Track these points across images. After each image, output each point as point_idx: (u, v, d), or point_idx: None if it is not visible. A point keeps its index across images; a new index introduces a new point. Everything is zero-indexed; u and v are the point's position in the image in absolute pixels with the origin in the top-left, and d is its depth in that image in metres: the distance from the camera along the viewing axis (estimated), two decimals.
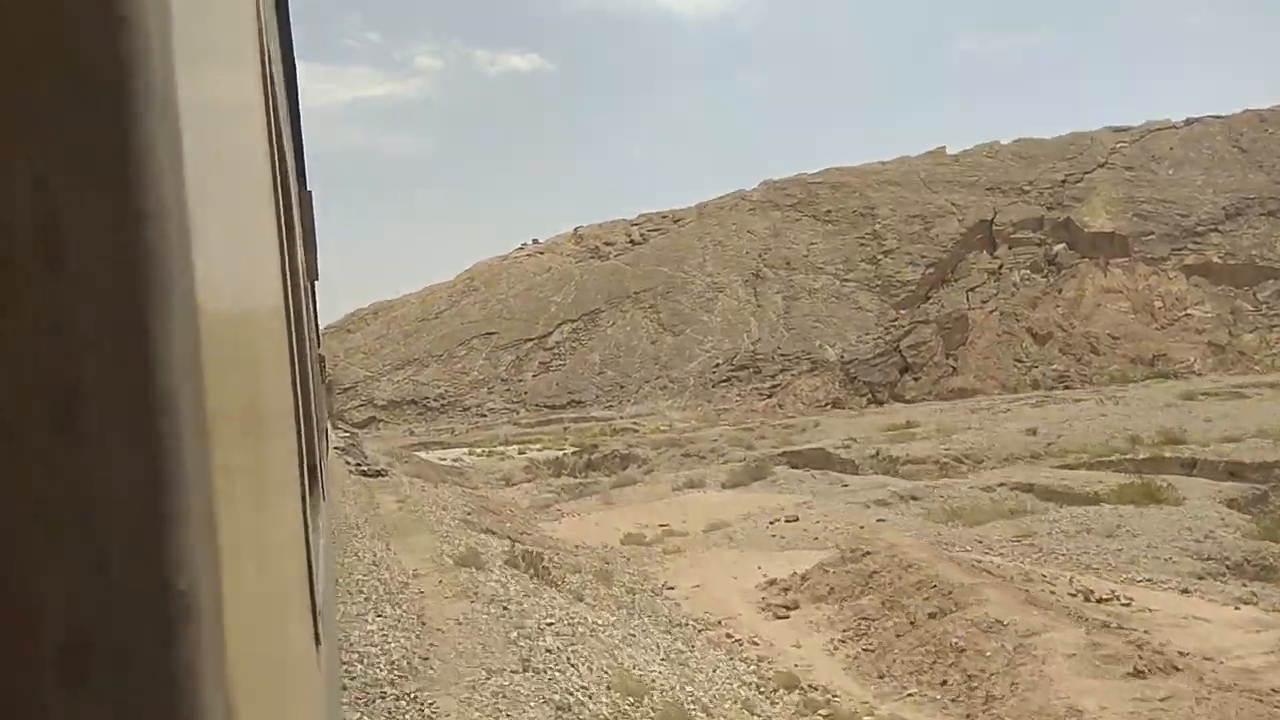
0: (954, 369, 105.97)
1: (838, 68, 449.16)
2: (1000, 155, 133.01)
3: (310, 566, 2.16)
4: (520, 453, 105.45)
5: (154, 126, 0.56)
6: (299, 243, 4.19)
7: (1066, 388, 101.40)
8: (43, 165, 0.53)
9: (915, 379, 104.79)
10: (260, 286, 1.25)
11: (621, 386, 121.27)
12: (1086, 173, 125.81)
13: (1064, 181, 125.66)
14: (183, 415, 0.58)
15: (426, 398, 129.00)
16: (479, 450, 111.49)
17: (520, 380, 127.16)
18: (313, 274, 7.90)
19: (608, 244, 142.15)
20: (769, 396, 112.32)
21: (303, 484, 2.19)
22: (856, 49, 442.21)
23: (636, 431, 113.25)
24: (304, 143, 5.91)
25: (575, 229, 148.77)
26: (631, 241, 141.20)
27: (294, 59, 4.56)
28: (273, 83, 2.38)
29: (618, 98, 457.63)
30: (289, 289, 2.32)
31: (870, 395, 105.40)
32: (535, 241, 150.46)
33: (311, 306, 8.48)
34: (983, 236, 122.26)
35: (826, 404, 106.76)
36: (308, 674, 1.93)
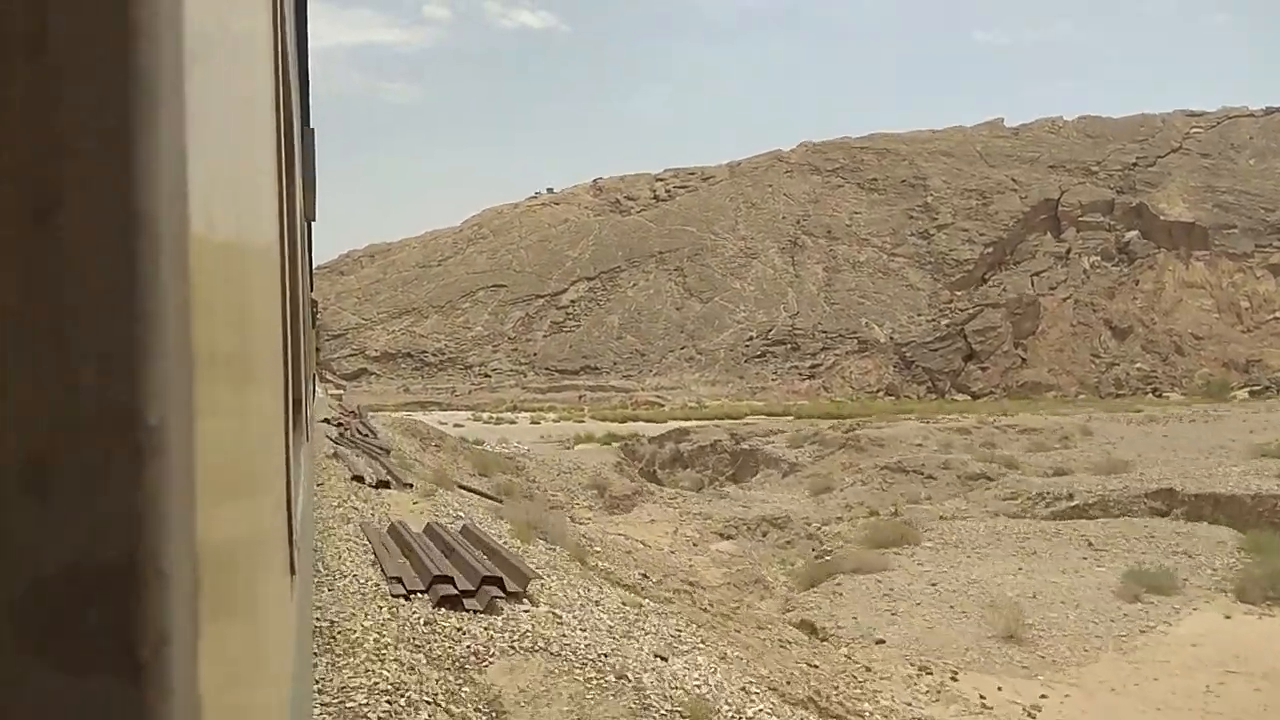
0: (1023, 360, 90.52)
1: (855, 40, 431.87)
2: (1064, 131, 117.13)
3: (289, 497, 2.12)
4: (534, 421, 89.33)
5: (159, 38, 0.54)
6: (298, 181, 3.80)
7: (1155, 391, 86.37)
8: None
9: (982, 368, 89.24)
10: (251, 218, 1.21)
11: (642, 354, 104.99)
12: (1160, 156, 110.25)
13: (1135, 164, 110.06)
14: (163, 244, 0.55)
15: (424, 351, 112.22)
16: (484, 415, 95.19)
17: (529, 340, 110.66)
18: (310, 214, 7.06)
19: (630, 198, 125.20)
20: (810, 377, 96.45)
21: (287, 418, 2.13)
22: (874, 19, 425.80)
23: (662, 406, 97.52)
24: (309, 80, 5.69)
25: (594, 180, 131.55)
26: (656, 197, 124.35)
27: None
28: (282, 15, 2.26)
29: (630, 60, 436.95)
30: (284, 225, 2.22)
31: (930, 384, 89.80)
32: (550, 191, 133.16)
33: (307, 247, 7.38)
34: (1047, 217, 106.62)
35: (879, 390, 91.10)
36: (280, 597, 1.88)
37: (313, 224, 8.04)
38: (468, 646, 6.80)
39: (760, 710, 7.13)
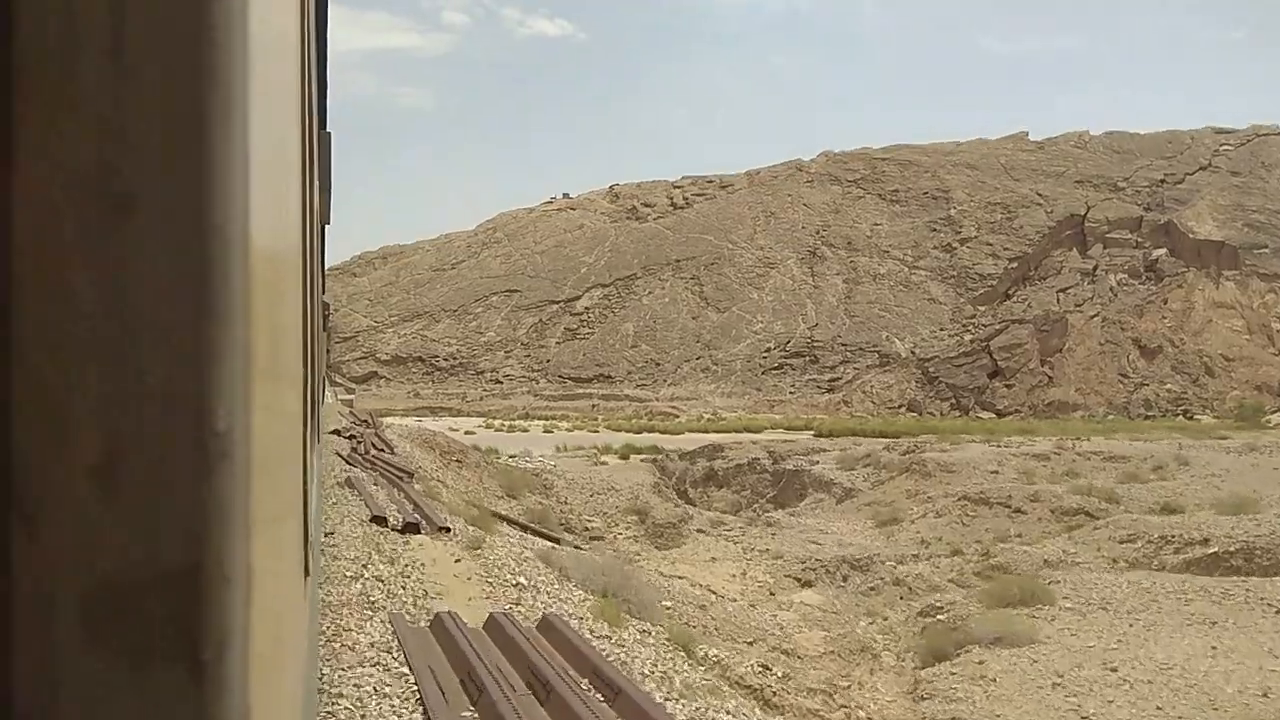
0: (1049, 378, 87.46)
1: (866, 54, 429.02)
2: (1090, 146, 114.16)
3: (305, 498, 2.10)
4: (547, 431, 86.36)
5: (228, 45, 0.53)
6: (315, 184, 3.74)
7: (1186, 413, 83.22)
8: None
9: (1008, 386, 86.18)
10: (283, 222, 1.22)
11: (657, 364, 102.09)
12: (1189, 174, 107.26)
13: (1163, 181, 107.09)
14: (233, 248, 0.54)
15: (436, 356, 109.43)
16: (496, 423, 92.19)
17: (542, 346, 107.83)
18: (325, 217, 6.95)
19: (646, 205, 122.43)
20: (829, 390, 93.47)
21: (305, 421, 2.13)
22: (886, 36, 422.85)
23: (677, 417, 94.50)
24: (328, 83, 5.62)
25: (611, 186, 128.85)
26: (673, 204, 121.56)
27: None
28: (305, 17, 2.27)
29: (646, 69, 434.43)
30: (305, 230, 2.22)
31: (954, 400, 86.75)
32: (566, 196, 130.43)
33: (320, 250, 6.96)
34: (1073, 233, 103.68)
35: (901, 405, 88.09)
36: (296, 598, 1.91)
37: (327, 227, 7.81)
38: None
39: None
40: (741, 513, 30.80)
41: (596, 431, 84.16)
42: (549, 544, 16.41)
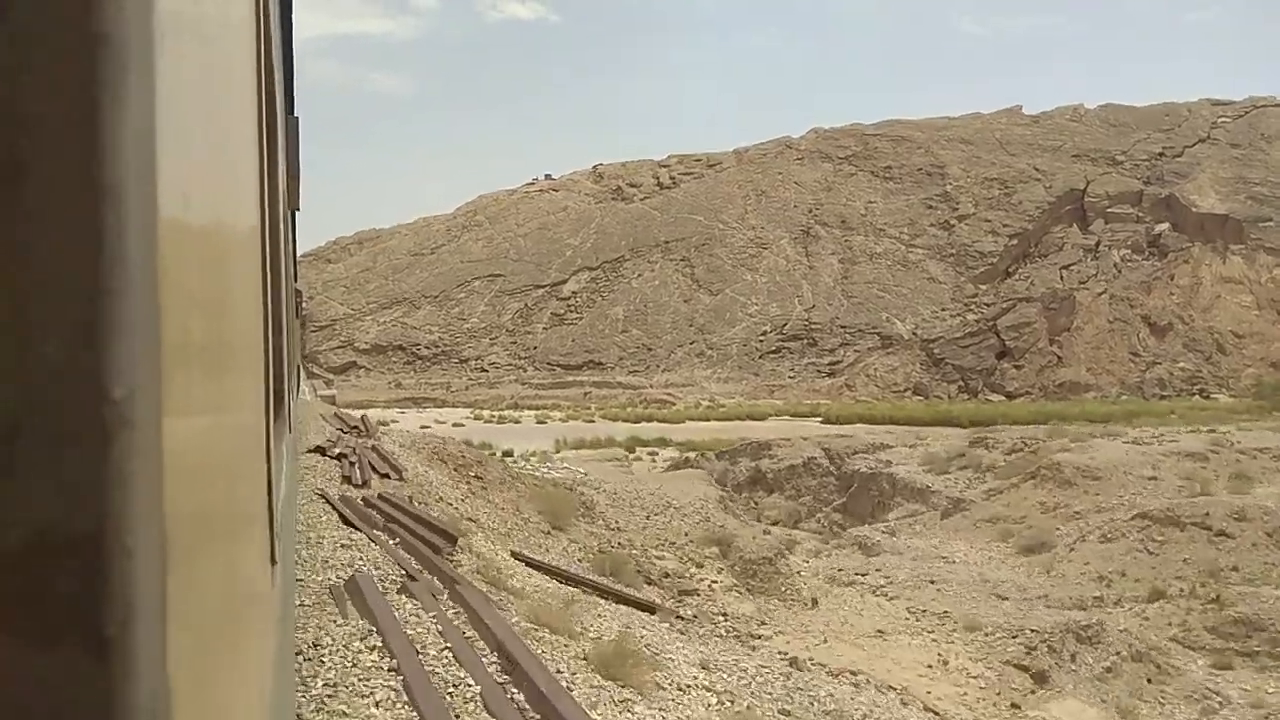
0: (1058, 358, 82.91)
1: (840, 35, 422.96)
2: (1086, 120, 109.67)
3: (270, 487, 2.09)
4: (540, 421, 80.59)
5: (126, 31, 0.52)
6: (280, 169, 3.69)
7: (1202, 392, 79.00)
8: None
9: (1017, 367, 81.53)
10: (227, 200, 1.19)
11: (649, 349, 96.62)
12: (1187, 146, 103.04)
13: (1162, 154, 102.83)
14: (130, 218, 0.52)
15: (417, 344, 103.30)
16: (484, 414, 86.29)
17: (528, 332, 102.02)
18: (294, 203, 6.77)
19: (632, 185, 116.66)
20: (830, 375, 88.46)
21: (268, 408, 2.10)
22: (858, 17, 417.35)
23: (673, 404, 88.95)
24: (294, 68, 5.45)
25: (594, 166, 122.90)
26: (660, 184, 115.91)
27: None
28: (265, 1, 2.24)
29: (620, 51, 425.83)
30: (266, 213, 2.18)
31: (962, 383, 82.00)
32: (548, 177, 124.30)
33: (290, 236, 7.12)
34: (1073, 208, 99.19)
35: (906, 389, 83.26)
36: (261, 586, 1.88)
37: (297, 213, 7.61)
38: None
39: None
40: (802, 524, 25.49)
41: (592, 421, 78.65)
42: (643, 614, 11.00)
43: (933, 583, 14.58)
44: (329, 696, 5.12)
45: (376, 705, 5.08)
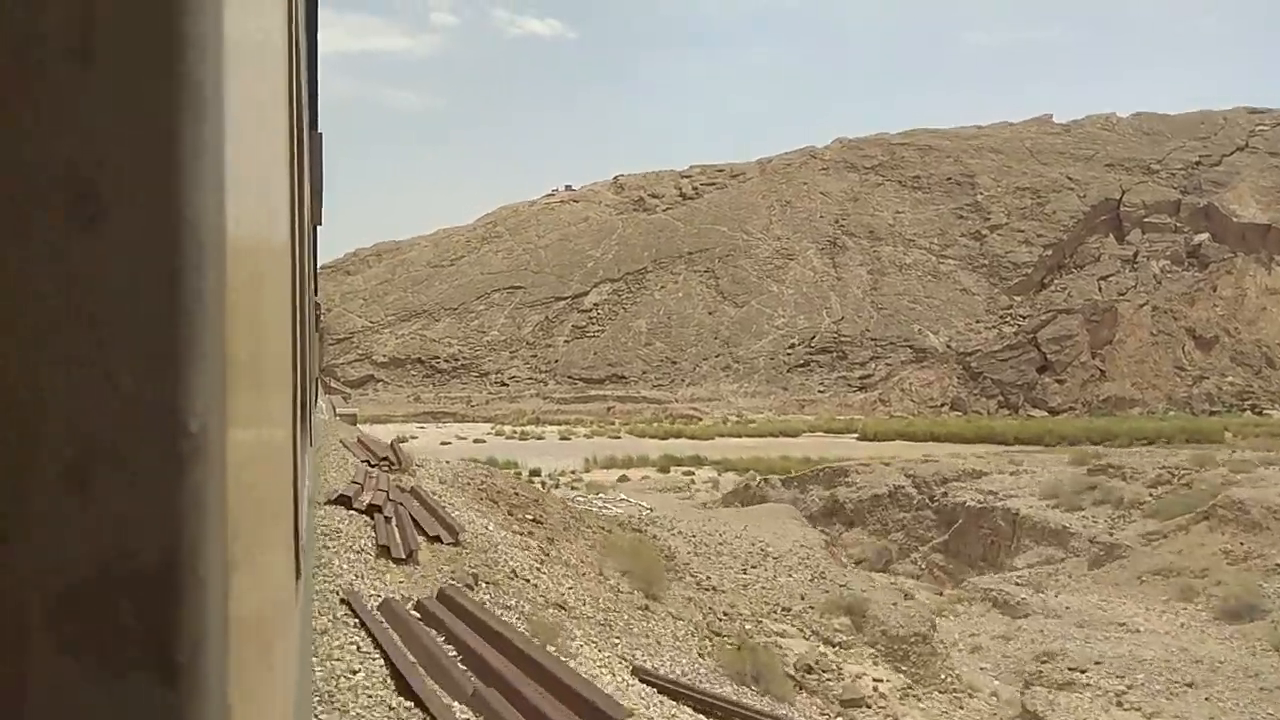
0: (1101, 372, 78.92)
1: (850, 49, 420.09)
2: (1119, 129, 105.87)
3: (296, 501, 2.06)
4: (564, 437, 76.87)
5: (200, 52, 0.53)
6: (306, 186, 3.75)
7: (1254, 408, 74.89)
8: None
9: (1059, 381, 77.57)
10: (268, 221, 1.21)
11: (674, 362, 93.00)
12: (1225, 155, 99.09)
13: (1198, 163, 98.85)
14: (207, 251, 0.53)
15: (436, 357, 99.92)
16: (506, 429, 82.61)
17: (549, 345, 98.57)
18: (316, 218, 6.87)
19: (654, 196, 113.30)
20: (863, 389, 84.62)
21: (294, 423, 2.09)
22: (868, 30, 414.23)
23: (699, 419, 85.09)
24: (319, 84, 5.50)
25: (615, 177, 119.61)
26: (682, 195, 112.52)
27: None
28: (295, 20, 2.26)
29: (637, 67, 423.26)
30: (295, 231, 2.20)
31: (1001, 398, 78.07)
32: (569, 188, 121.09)
33: (312, 251, 7.08)
34: (1108, 218, 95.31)
35: (943, 404, 79.38)
36: (287, 599, 1.89)
37: (318, 227, 7.64)
38: None
39: None
40: (894, 565, 21.78)
41: (618, 437, 75.04)
42: None
43: (1190, 686, 10.92)
44: None
45: None
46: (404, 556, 8.88)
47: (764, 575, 14.37)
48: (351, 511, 10.37)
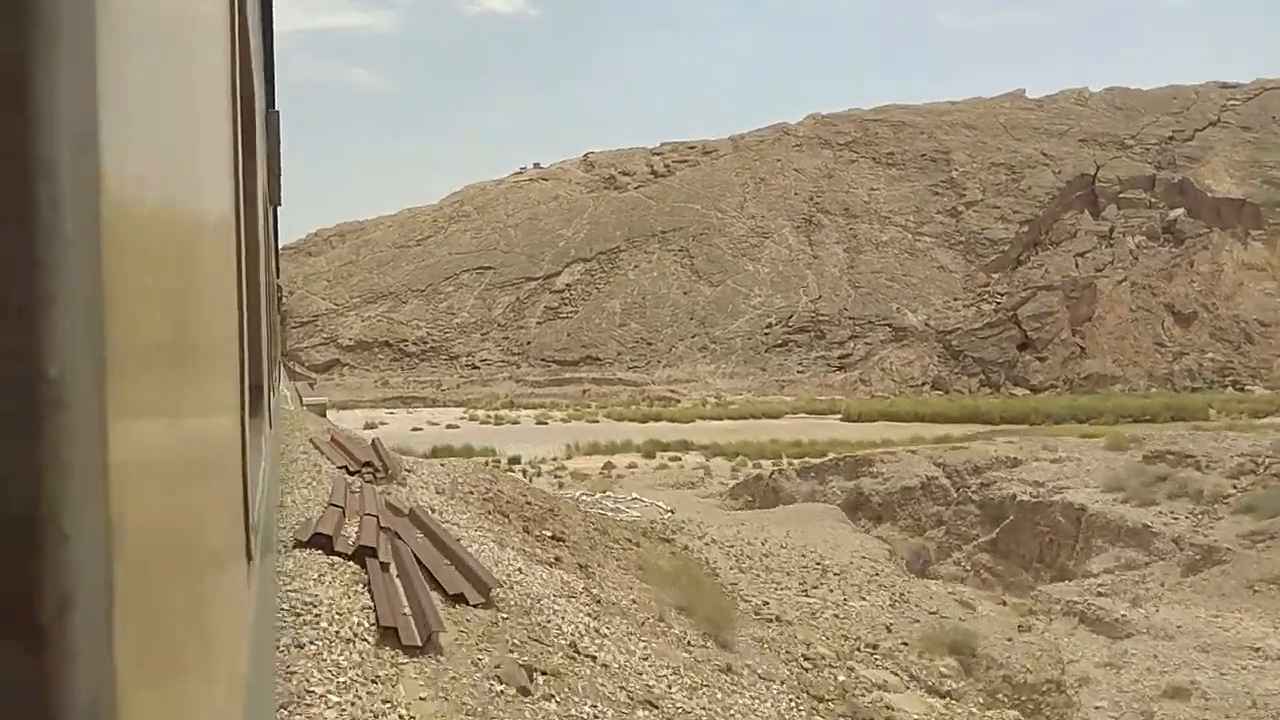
0: (1081, 349, 77.42)
1: (823, 28, 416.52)
2: (1091, 103, 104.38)
3: (246, 483, 2.09)
4: (540, 422, 73.68)
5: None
6: (259, 164, 3.61)
7: (1235, 384, 73.79)
8: None
9: (1040, 359, 75.94)
10: (197, 190, 1.17)
11: (649, 343, 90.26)
12: (1198, 130, 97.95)
13: (1172, 138, 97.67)
14: (65, 193, 0.49)
15: (404, 340, 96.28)
16: (479, 414, 79.29)
17: (521, 327, 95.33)
18: (274, 199, 6.47)
19: (625, 173, 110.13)
20: (842, 368, 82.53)
21: (243, 405, 2.12)
22: (838, 13, 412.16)
23: (677, 401, 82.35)
24: (274, 62, 5.28)
25: (585, 155, 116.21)
26: (654, 172, 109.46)
27: None
28: None
29: (602, 45, 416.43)
30: (243, 208, 2.18)
31: (983, 376, 76.30)
32: (537, 166, 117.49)
33: (271, 231, 6.72)
34: (1083, 194, 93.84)
35: (924, 383, 77.49)
36: (236, 580, 1.86)
37: (278, 208, 7.22)
38: None
39: None
40: (934, 566, 19.27)
41: (596, 421, 72.22)
42: None
43: None
44: None
45: None
46: (420, 643, 6.10)
47: (831, 598, 11.81)
48: (333, 557, 7.50)
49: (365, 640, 5.84)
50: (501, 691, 5.66)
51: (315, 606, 6.17)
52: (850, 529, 15.81)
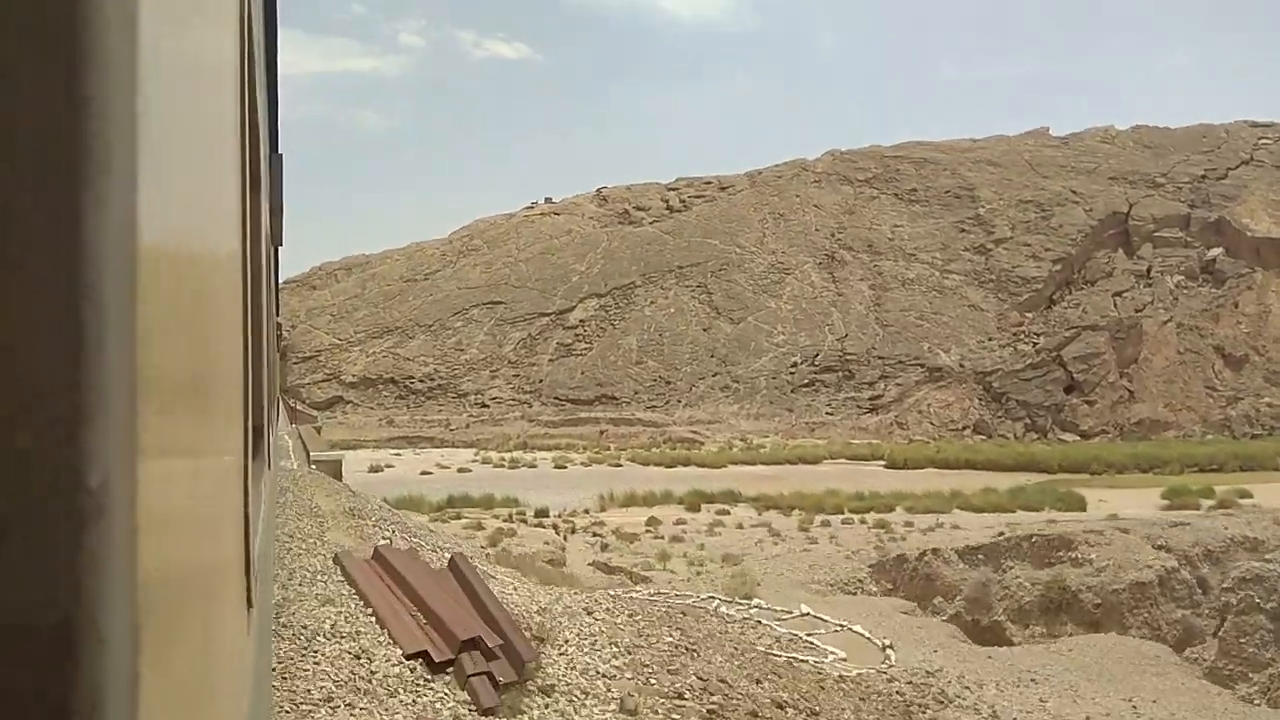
0: (1130, 392, 71.43)
1: (825, 78, 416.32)
2: (1118, 141, 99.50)
3: (247, 529, 2.04)
4: (559, 466, 66.77)
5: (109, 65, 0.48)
6: (264, 206, 3.65)
7: None
8: None
9: (1088, 402, 69.88)
10: (213, 242, 1.17)
11: (667, 382, 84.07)
12: (1231, 169, 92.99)
13: (1204, 177, 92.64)
14: (109, 316, 0.49)
15: (410, 377, 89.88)
16: (492, 456, 72.53)
17: (533, 364, 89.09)
18: (276, 239, 6.80)
19: (639, 208, 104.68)
20: (873, 410, 76.35)
21: (246, 448, 2.07)
22: (842, 60, 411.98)
23: (701, 444, 75.93)
24: (279, 106, 5.54)
25: (598, 189, 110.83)
26: (669, 207, 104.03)
27: (276, 21, 4.35)
28: (250, 42, 2.22)
29: (605, 94, 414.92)
30: (249, 250, 2.18)
31: (1028, 420, 70.18)
32: (548, 200, 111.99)
33: (273, 272, 7.03)
34: (1115, 232, 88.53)
35: (965, 427, 71.31)
36: (237, 630, 1.84)
37: (279, 249, 7.58)
38: None
39: None
40: (1222, 695, 12.96)
41: (619, 465, 65.84)
42: None
43: None
44: None
45: None
46: None
47: None
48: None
49: None
50: None
51: None
52: (1207, 688, 9.87)
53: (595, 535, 35.06)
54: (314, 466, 19.08)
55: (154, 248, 0.60)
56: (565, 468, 62.28)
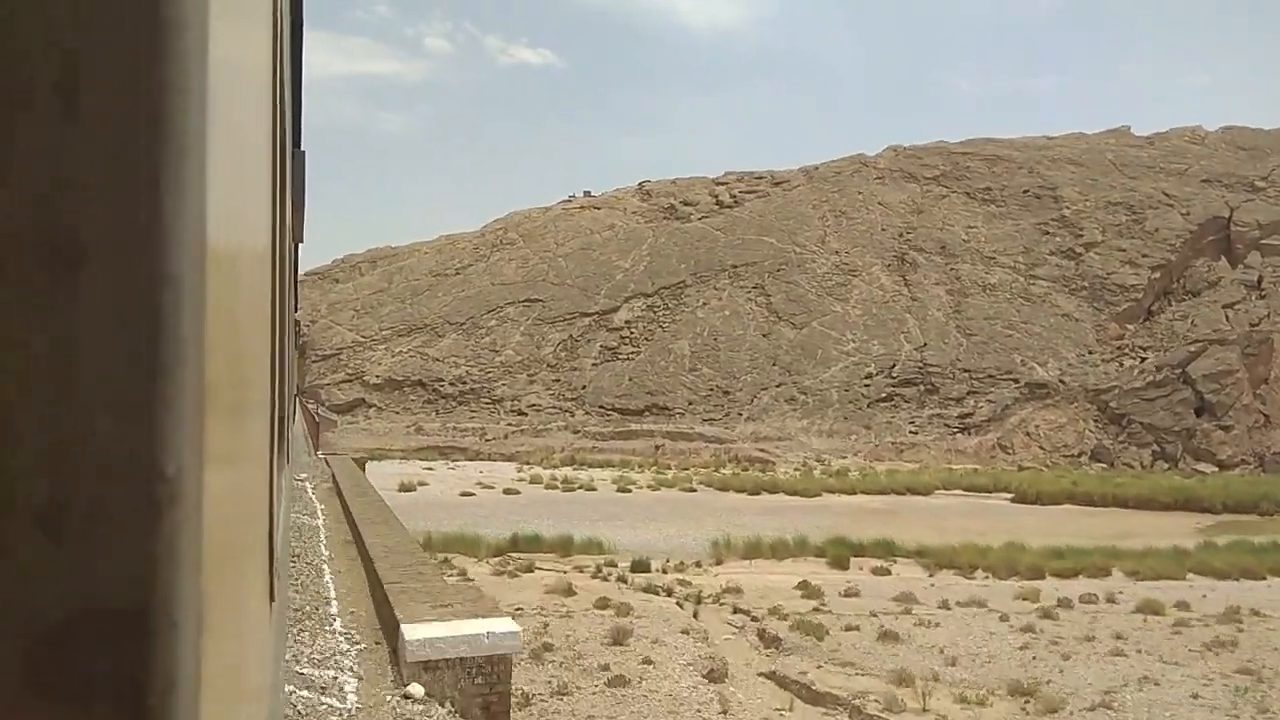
0: (1265, 416, 59.67)
1: (838, 89, 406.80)
2: (1208, 143, 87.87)
3: (271, 523, 1.97)
4: (622, 489, 54.81)
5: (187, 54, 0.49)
6: (288, 203, 3.61)
7: None
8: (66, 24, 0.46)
9: (1223, 427, 58.12)
10: (249, 252, 1.16)
11: (725, 392, 72.46)
12: None
13: None
14: (185, 301, 0.50)
15: (440, 380, 78.35)
16: (540, 473, 60.63)
17: (575, 369, 77.63)
18: (297, 235, 6.76)
19: (687, 204, 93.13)
20: (964, 429, 64.58)
21: (272, 443, 1.99)
22: (855, 70, 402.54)
23: (772, 464, 64.32)
24: (302, 104, 5.52)
25: (641, 183, 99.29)
26: (719, 203, 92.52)
27: (301, 20, 4.39)
28: (280, 40, 2.19)
29: (629, 100, 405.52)
30: (276, 249, 2.13)
31: (1156, 446, 58.43)
32: (587, 194, 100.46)
33: (293, 268, 6.94)
34: (1215, 238, 76.97)
35: (1080, 452, 59.59)
36: (262, 624, 1.81)
37: (299, 244, 7.55)
38: None
39: None
40: None
41: (692, 490, 54.14)
42: None
43: None
44: None
45: None
46: None
47: None
48: None
49: None
50: None
51: None
52: None
53: (737, 611, 23.09)
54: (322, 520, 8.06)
55: (216, 239, 0.59)
56: (629, 491, 50.54)
